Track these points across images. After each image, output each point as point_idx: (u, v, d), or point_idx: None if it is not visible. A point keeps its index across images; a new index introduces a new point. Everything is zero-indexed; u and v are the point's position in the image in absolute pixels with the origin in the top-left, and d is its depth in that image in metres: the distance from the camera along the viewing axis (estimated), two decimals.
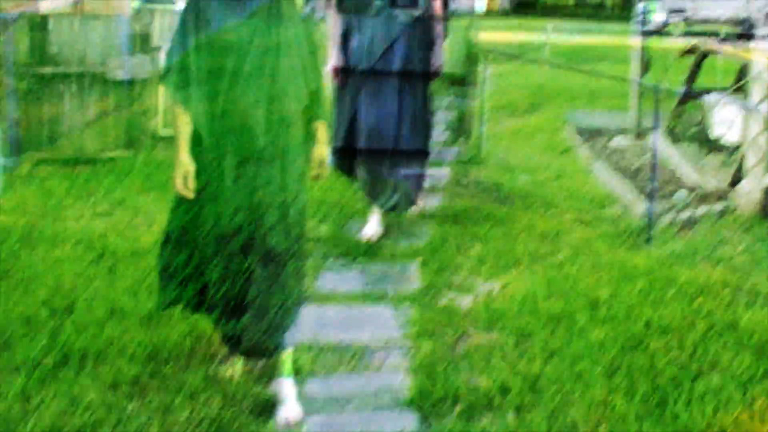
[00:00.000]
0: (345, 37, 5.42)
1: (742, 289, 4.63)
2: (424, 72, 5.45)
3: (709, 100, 7.27)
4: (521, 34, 16.54)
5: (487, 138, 7.95)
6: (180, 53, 3.32)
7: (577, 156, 7.80)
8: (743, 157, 6.04)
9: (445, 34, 5.58)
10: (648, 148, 7.93)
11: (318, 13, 5.62)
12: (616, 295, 4.49)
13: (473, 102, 8.37)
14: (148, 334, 3.96)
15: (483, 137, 7.84)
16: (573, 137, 8.43)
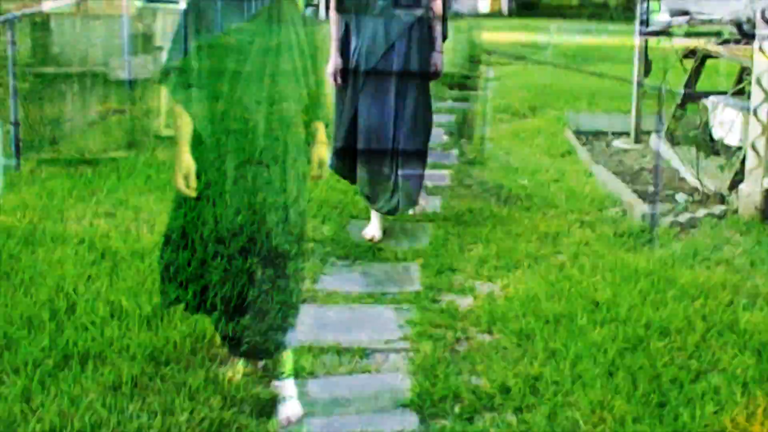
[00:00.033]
0: (346, 38, 5.43)
1: (741, 291, 4.63)
2: (424, 72, 5.46)
3: (710, 102, 7.27)
4: (524, 34, 16.50)
5: (489, 139, 7.95)
6: (180, 54, 3.33)
7: (578, 158, 7.80)
8: (743, 160, 6.05)
9: (445, 34, 5.58)
10: (648, 150, 7.94)
11: (320, 15, 5.63)
12: (616, 296, 4.49)
13: (475, 103, 8.38)
14: (149, 334, 3.96)
15: (484, 139, 7.85)
16: (574, 139, 8.43)
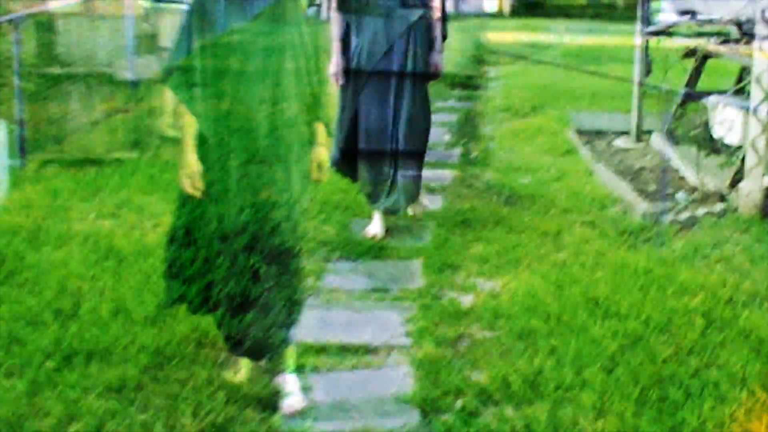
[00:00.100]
0: (347, 38, 5.46)
1: (741, 288, 4.66)
2: (424, 73, 5.50)
3: (710, 101, 7.30)
4: (530, 34, 16.49)
5: (490, 138, 7.98)
6: (184, 53, 3.36)
7: (579, 157, 7.83)
8: (743, 158, 6.09)
9: (445, 34, 5.61)
10: (649, 149, 7.97)
11: (322, 15, 5.66)
12: (616, 294, 4.52)
13: (477, 102, 8.41)
14: (153, 332, 4.00)
15: (487, 138, 7.88)
16: (575, 138, 8.46)
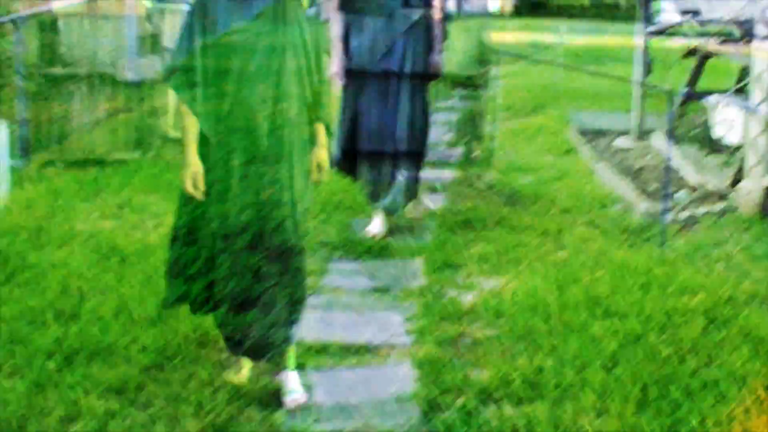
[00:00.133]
0: (348, 38, 5.48)
1: (741, 287, 4.67)
2: (425, 73, 5.52)
3: (711, 101, 7.32)
4: (531, 34, 16.49)
5: (492, 138, 7.99)
6: (186, 53, 3.37)
7: (580, 156, 7.85)
8: (744, 158, 6.10)
9: (445, 34, 5.63)
10: (650, 149, 7.98)
11: (322, 15, 5.68)
12: (616, 293, 4.54)
13: (479, 102, 8.41)
14: (154, 333, 4.00)
15: (489, 138, 7.89)
16: (576, 138, 8.48)
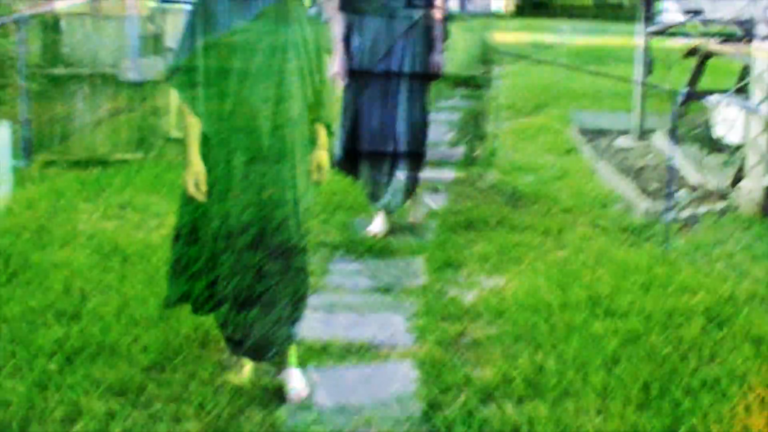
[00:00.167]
0: (349, 38, 5.49)
1: (741, 286, 4.69)
2: (425, 73, 5.53)
3: (711, 100, 7.33)
4: (533, 34, 16.49)
5: (493, 137, 8.00)
6: (187, 53, 3.37)
7: (581, 156, 7.87)
8: (744, 157, 6.12)
9: (446, 35, 5.65)
10: (651, 148, 8.00)
11: (323, 15, 5.69)
12: (617, 292, 4.56)
13: (481, 101, 8.43)
14: (156, 333, 4.01)
15: (490, 137, 7.90)
16: (577, 137, 8.50)
